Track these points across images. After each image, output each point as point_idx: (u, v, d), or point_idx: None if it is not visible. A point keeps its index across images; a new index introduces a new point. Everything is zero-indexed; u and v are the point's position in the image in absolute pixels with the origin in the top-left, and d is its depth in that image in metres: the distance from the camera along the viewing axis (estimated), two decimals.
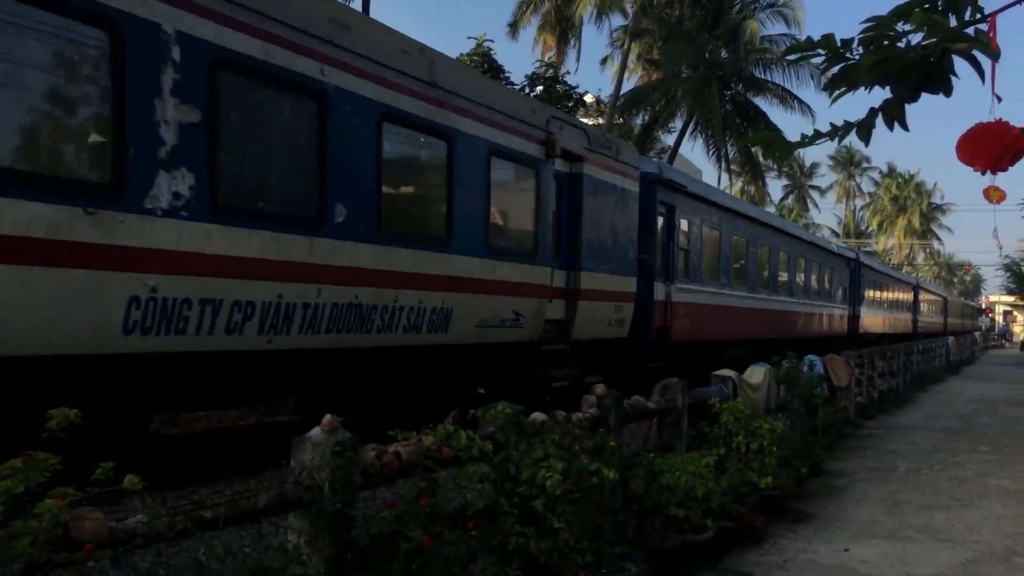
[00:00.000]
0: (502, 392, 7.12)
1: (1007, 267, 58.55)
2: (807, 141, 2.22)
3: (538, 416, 5.41)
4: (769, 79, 35.26)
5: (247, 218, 6.99)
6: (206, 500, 3.44)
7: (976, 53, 2.12)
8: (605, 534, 5.72)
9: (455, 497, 4.94)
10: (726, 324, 17.37)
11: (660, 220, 14.41)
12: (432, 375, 9.68)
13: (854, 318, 28.12)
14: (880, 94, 2.24)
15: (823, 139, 2.22)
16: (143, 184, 6.13)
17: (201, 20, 6.52)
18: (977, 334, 60.08)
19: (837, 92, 2.22)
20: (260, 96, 7.21)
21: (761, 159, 37.63)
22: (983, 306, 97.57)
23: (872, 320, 30.67)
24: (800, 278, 23.10)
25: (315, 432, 3.84)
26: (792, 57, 2.29)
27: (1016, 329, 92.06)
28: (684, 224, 15.29)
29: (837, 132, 2.21)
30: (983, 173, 2.16)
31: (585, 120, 33.60)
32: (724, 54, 35.22)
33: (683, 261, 15.19)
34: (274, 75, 7.18)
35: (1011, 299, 77.42)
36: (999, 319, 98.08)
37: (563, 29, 36.60)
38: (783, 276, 21.77)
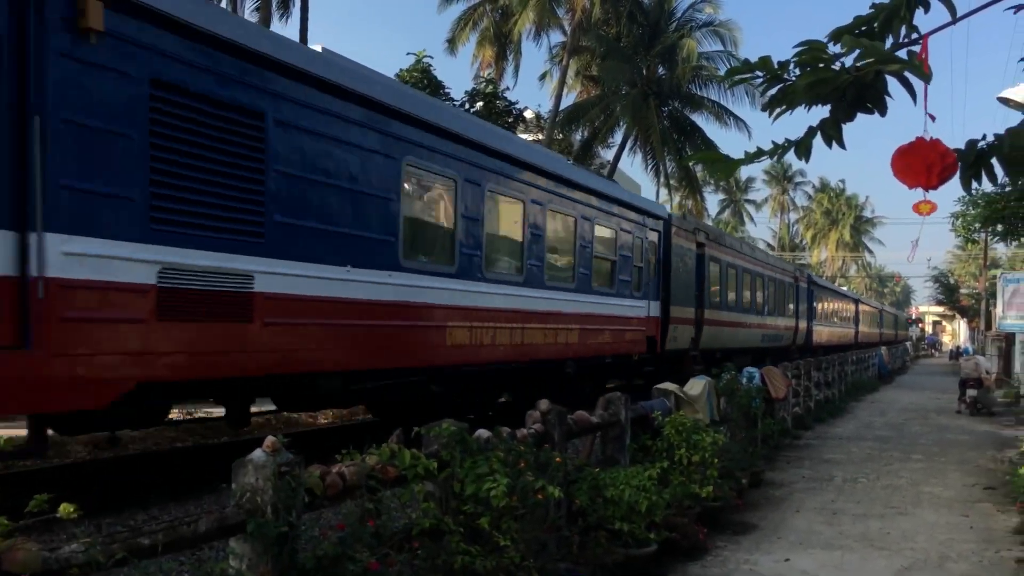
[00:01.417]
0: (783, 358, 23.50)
1: (936, 279, 60.43)
2: (748, 159, 2.26)
3: (483, 433, 5.39)
4: (706, 96, 35.92)
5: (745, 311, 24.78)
6: (144, 527, 3.35)
7: (908, 74, 2.18)
8: (550, 550, 5.71)
9: (400, 517, 4.89)
10: (830, 337, 38.45)
11: (808, 297, 33.07)
12: (768, 354, 25.66)
13: (856, 333, 48.38)
14: (818, 112, 2.29)
15: (764, 157, 2.26)
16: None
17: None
18: (908, 344, 61.96)
19: (776, 111, 2.26)
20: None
21: (699, 174, 38.24)
22: (913, 316, 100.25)
23: (862, 332, 50.70)
24: (848, 313, 46.10)
25: (257, 454, 3.77)
26: (734, 79, 2.33)
27: (945, 339, 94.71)
28: (817, 297, 35.22)
29: (777, 150, 2.26)
30: (925, 190, 2.23)
31: (525, 136, 33.83)
32: (661, 71, 35.76)
33: (817, 312, 34.97)
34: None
35: (940, 310, 79.75)
36: (928, 329, 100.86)
37: (501, 45, 36.79)
38: (844, 314, 44.41)
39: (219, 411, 13.67)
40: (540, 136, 33.52)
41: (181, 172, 6.76)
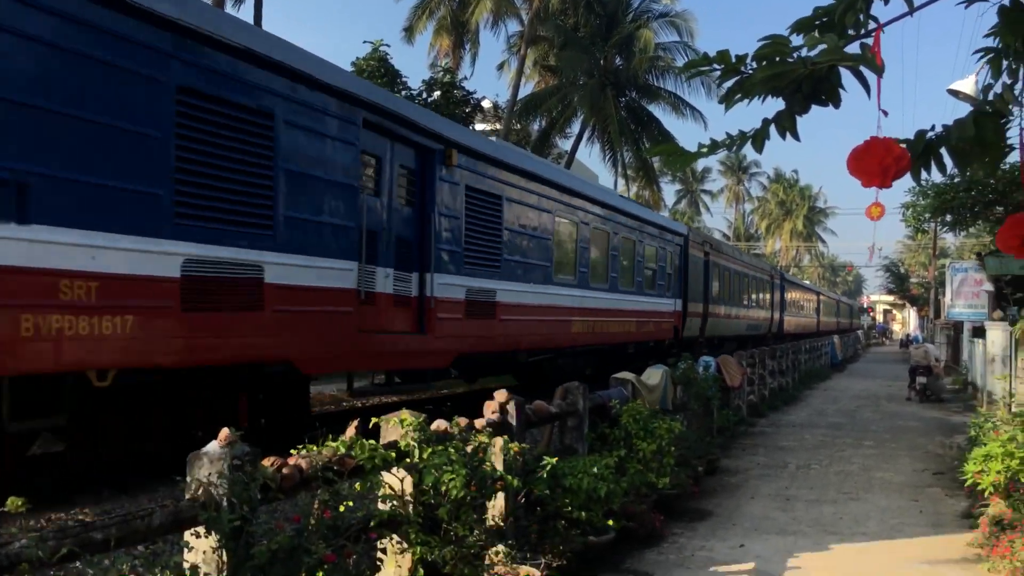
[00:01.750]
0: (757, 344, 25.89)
1: (887, 268, 61.54)
2: (705, 151, 2.27)
3: (441, 423, 5.38)
4: (662, 87, 36.07)
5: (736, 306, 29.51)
6: (96, 521, 3.29)
7: (862, 68, 2.21)
8: (509, 539, 5.73)
9: (358, 507, 4.87)
10: (797, 326, 42.23)
11: (781, 292, 37.21)
12: (751, 341, 28.22)
13: (818, 322, 52.94)
14: (773, 103, 2.31)
15: (720, 149, 2.28)
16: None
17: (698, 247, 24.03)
18: (860, 332, 63.09)
19: (732, 102, 2.28)
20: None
21: (656, 165, 38.43)
22: (865, 305, 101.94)
23: (823, 321, 55.48)
24: (811, 305, 50.49)
25: (212, 447, 3.73)
26: (692, 71, 2.34)
27: (895, 327, 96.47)
28: (787, 291, 39.42)
29: (734, 142, 2.27)
30: (880, 187, 2.26)
31: (483, 126, 33.69)
32: (618, 61, 35.85)
33: (787, 304, 39.16)
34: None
35: (890, 298, 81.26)
36: (879, 318, 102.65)
37: (459, 34, 36.63)
38: (808, 305, 49.03)
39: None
40: (498, 126, 33.44)
41: (475, 233, 11.69)
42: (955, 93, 9.26)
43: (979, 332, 19.86)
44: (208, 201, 7.43)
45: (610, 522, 6.47)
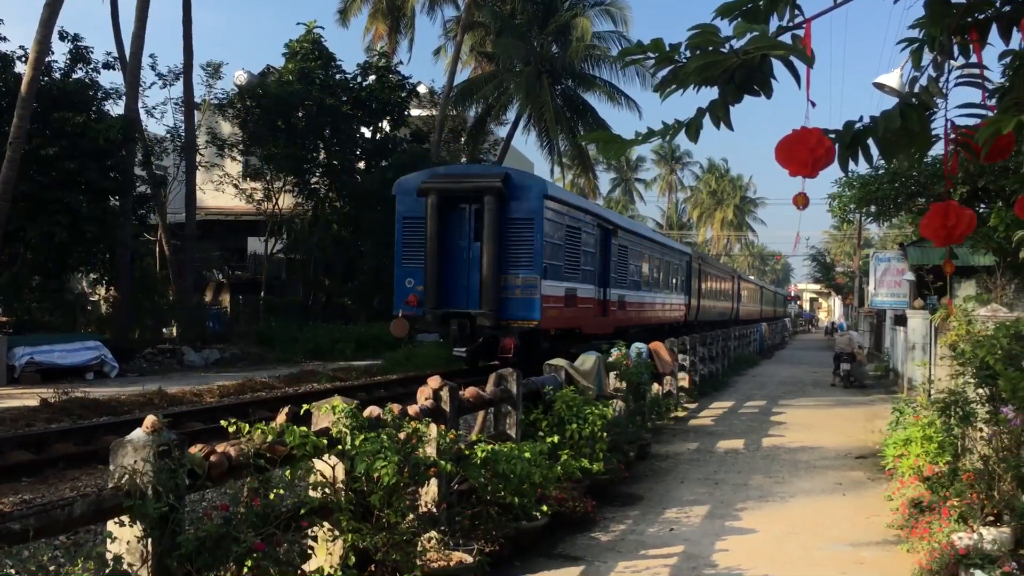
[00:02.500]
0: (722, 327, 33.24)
1: (813, 257, 62.98)
2: (640, 139, 2.28)
3: (374, 410, 5.34)
4: (598, 75, 36.26)
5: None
6: (14, 511, 3.19)
7: (793, 59, 2.24)
8: (442, 525, 5.72)
9: (289, 495, 4.81)
10: (746, 314, 48.59)
11: (737, 287, 46.59)
12: (718, 325, 35.74)
13: (761, 310, 59.10)
14: (707, 93, 2.33)
15: (655, 137, 2.29)
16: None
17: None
18: (787, 320, 64.55)
19: (667, 91, 2.29)
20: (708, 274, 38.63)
21: (592, 153, 38.63)
22: (793, 294, 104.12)
23: (764, 309, 61.97)
24: (756, 296, 58.49)
25: (136, 434, 3.64)
26: (626, 59, 2.34)
27: (821, 315, 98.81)
28: (741, 286, 48.31)
29: (668, 131, 2.28)
30: (806, 177, 2.30)
31: (418, 111, 33.41)
32: (555, 49, 35.91)
33: (740, 296, 47.48)
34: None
35: (817, 287, 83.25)
36: (806, 306, 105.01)
37: (395, 18, 36.28)
38: (754, 296, 56.74)
39: (97, 392, 13.15)
40: (433, 112, 33.23)
41: (620, 266, 22.54)
42: (880, 86, 9.47)
43: (901, 320, 20.46)
44: (568, 266, 18.22)
45: (544, 508, 6.51)
